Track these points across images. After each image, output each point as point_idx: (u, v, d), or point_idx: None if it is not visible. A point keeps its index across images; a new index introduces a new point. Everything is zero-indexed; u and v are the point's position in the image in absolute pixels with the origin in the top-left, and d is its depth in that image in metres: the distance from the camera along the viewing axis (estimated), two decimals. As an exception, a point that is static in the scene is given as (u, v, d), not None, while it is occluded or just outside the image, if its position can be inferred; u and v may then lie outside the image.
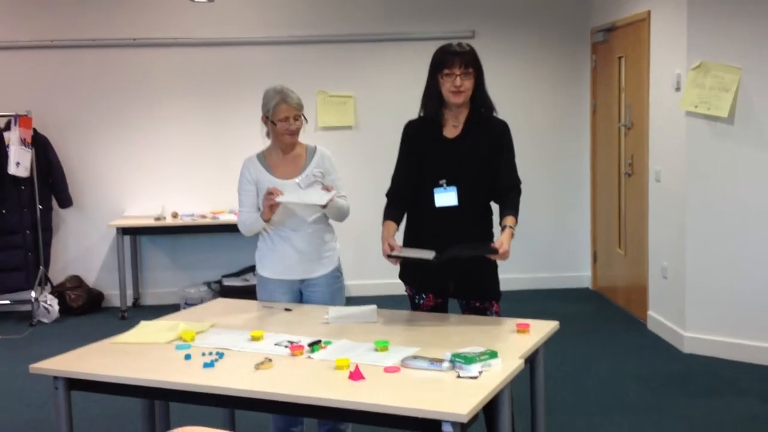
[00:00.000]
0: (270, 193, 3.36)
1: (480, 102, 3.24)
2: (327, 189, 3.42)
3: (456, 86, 3.14)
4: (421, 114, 3.32)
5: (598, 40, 6.73)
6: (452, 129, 3.25)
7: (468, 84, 3.16)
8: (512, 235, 3.12)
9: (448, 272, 3.20)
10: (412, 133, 3.33)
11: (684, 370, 4.90)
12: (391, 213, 3.31)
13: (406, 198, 3.32)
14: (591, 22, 6.94)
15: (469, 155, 3.21)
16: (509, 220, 3.17)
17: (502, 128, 3.28)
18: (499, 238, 3.08)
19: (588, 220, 7.15)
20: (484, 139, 3.23)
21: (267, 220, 3.43)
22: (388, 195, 3.37)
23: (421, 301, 3.34)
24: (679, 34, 5.18)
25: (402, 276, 3.39)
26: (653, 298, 5.76)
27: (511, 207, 3.22)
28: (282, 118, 3.44)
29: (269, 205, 3.36)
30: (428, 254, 3.04)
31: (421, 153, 3.26)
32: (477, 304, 3.29)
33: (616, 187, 6.50)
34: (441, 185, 3.19)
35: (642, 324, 5.90)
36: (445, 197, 3.19)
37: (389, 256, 3.10)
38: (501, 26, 6.99)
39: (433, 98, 3.23)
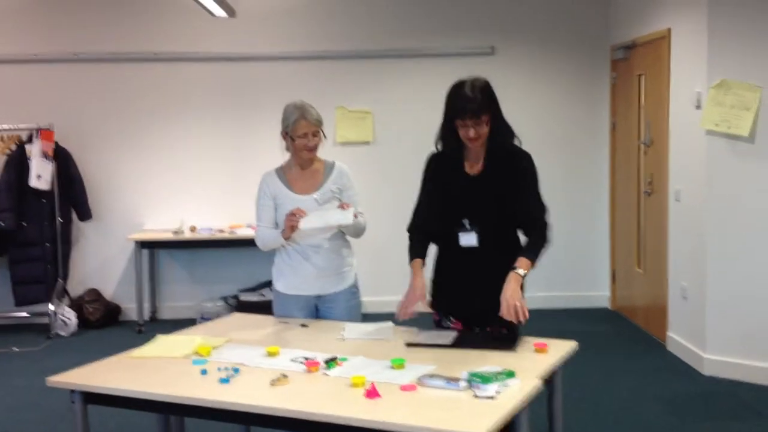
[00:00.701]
0: (293, 214, 3.35)
1: (498, 136, 3.15)
2: (343, 207, 3.41)
3: (470, 137, 3.07)
4: (439, 148, 3.26)
5: (617, 57, 6.71)
6: (474, 164, 3.19)
7: (482, 130, 3.08)
8: (520, 280, 3.02)
9: (477, 297, 3.17)
10: (434, 168, 3.28)
11: (704, 393, 4.83)
12: (417, 250, 3.27)
13: (428, 234, 3.28)
14: (610, 39, 6.92)
15: (491, 194, 3.14)
16: (521, 263, 3.05)
17: (525, 162, 3.18)
18: (503, 290, 2.99)
19: (607, 239, 7.10)
20: (506, 174, 3.15)
21: (287, 238, 3.43)
22: (409, 230, 3.32)
23: (448, 326, 3.30)
24: (700, 52, 5.15)
25: (431, 302, 3.34)
26: (673, 318, 5.70)
27: (528, 249, 3.13)
28: (301, 134, 3.44)
29: (290, 226, 3.36)
30: (446, 339, 3.04)
31: (444, 189, 3.22)
32: (488, 329, 3.22)
33: (636, 206, 6.45)
34: (464, 225, 3.15)
35: (661, 345, 5.83)
36: (468, 238, 3.15)
37: (408, 344, 3.04)
38: (520, 43, 6.98)
39: (450, 136, 3.16)
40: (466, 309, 3.25)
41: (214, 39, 6.87)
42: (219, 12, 6.14)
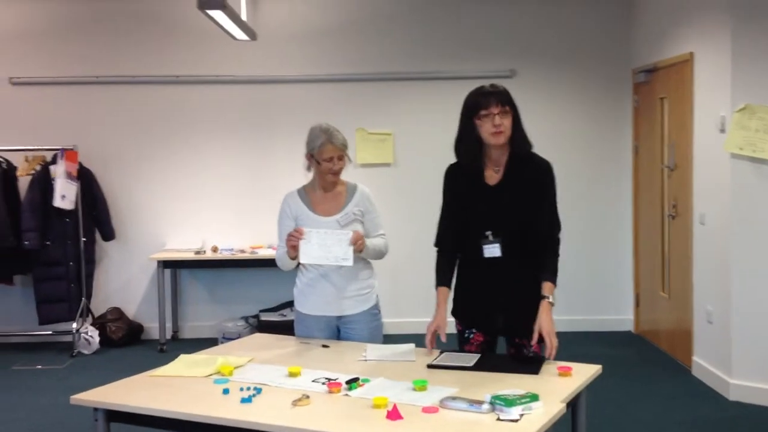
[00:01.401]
0: (292, 235, 3.36)
1: (519, 141, 3.16)
2: (355, 237, 3.37)
3: (496, 126, 3.06)
4: (458, 159, 3.27)
5: (639, 81, 6.70)
6: (493, 174, 3.19)
7: (507, 123, 3.09)
8: (551, 309, 3.06)
9: (499, 308, 3.18)
10: (453, 179, 3.28)
11: (730, 419, 4.75)
12: (443, 275, 3.27)
13: (455, 248, 3.28)
14: (632, 63, 6.91)
15: (513, 204, 3.14)
16: (547, 289, 3.10)
17: (545, 170, 3.20)
18: (537, 319, 3.05)
19: (630, 263, 7.05)
20: (526, 183, 3.15)
21: (293, 258, 3.43)
22: (437, 245, 3.33)
23: (471, 336, 3.29)
24: (723, 76, 5.13)
25: (454, 312, 3.35)
26: (698, 343, 5.62)
27: (547, 271, 3.14)
28: (327, 158, 3.46)
29: (291, 246, 3.37)
30: (469, 361, 3.03)
31: (464, 200, 3.22)
32: (516, 340, 3.24)
33: (660, 230, 6.40)
34: (487, 237, 3.14)
35: (686, 370, 5.75)
36: (491, 249, 3.14)
37: (429, 366, 3.04)
38: (541, 66, 6.99)
39: (470, 143, 3.16)
40: (489, 322, 3.24)
41: (236, 62, 6.94)
42: (241, 35, 6.20)
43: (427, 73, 6.98)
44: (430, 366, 3.03)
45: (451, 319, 3.32)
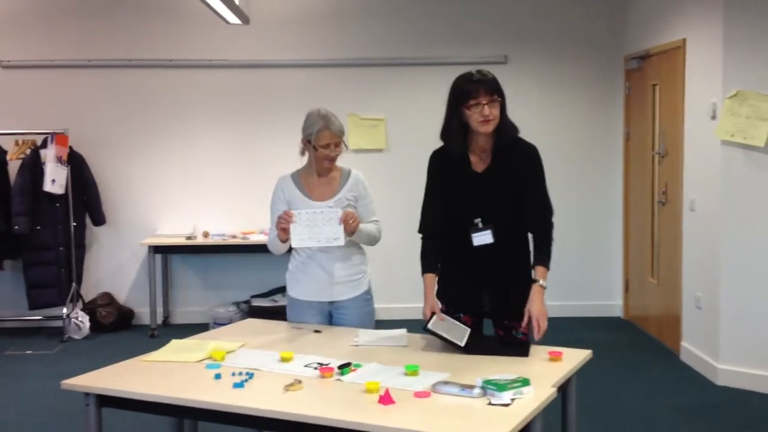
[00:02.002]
0: (282, 218, 3.35)
1: (506, 128, 3.13)
2: (346, 215, 3.37)
3: (484, 116, 3.03)
4: (444, 145, 3.24)
5: (631, 67, 6.70)
6: (480, 161, 3.17)
7: (496, 111, 3.06)
8: (543, 293, 3.08)
9: (485, 292, 3.19)
10: (440, 166, 3.25)
11: (717, 403, 4.80)
12: (429, 261, 3.25)
13: (440, 234, 3.25)
14: (624, 49, 6.92)
15: (501, 190, 3.13)
16: (540, 272, 3.11)
17: (531, 153, 3.18)
18: (528, 303, 3.06)
19: (620, 249, 7.08)
20: (513, 168, 3.14)
21: (283, 241, 3.43)
22: (421, 232, 3.30)
23: (459, 318, 3.30)
24: (715, 63, 5.14)
25: (438, 295, 3.32)
26: (686, 328, 5.67)
27: (541, 254, 3.15)
28: (324, 144, 3.44)
29: (282, 228, 3.36)
30: (460, 338, 3.03)
31: (451, 188, 3.19)
32: (506, 322, 3.24)
33: (650, 216, 6.43)
34: (476, 225, 3.12)
35: (674, 355, 5.80)
36: (482, 237, 3.12)
37: (426, 329, 3.07)
38: (534, 52, 6.99)
39: (456, 131, 3.13)
40: (477, 305, 3.23)
41: (228, 46, 6.91)
42: (233, 19, 6.17)
43: (419, 59, 6.96)
44: (426, 329, 3.05)
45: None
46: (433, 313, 3.11)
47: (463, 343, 3.01)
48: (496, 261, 3.15)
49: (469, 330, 3.08)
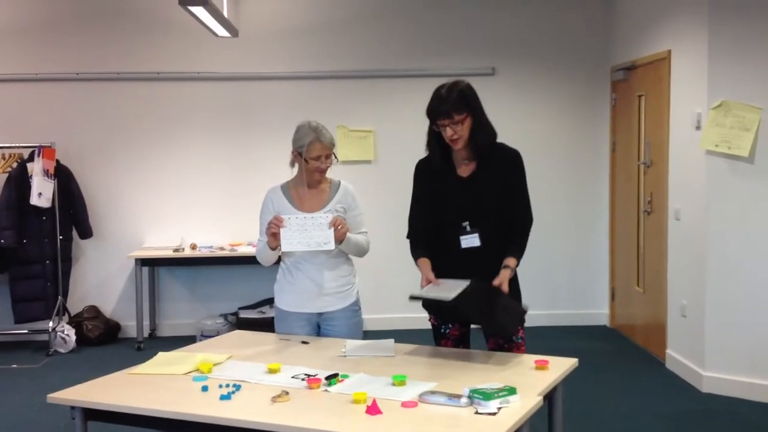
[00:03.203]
0: (274, 224, 3.36)
1: (479, 136, 3.18)
2: (336, 220, 3.40)
3: (449, 137, 3.14)
4: (428, 154, 3.32)
5: (617, 79, 6.76)
6: (464, 167, 3.24)
7: (462, 130, 3.13)
8: (511, 275, 3.14)
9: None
10: (425, 173, 3.32)
11: (703, 410, 4.82)
12: (420, 250, 3.30)
13: (427, 239, 3.30)
14: (611, 61, 6.98)
15: (487, 194, 3.19)
16: (510, 261, 3.17)
17: (514, 158, 3.25)
18: (498, 277, 3.11)
19: (606, 258, 7.11)
20: (497, 172, 3.21)
21: (273, 248, 3.43)
22: (409, 237, 3.36)
23: (447, 330, 3.33)
24: (700, 74, 5.19)
25: (425, 305, 3.34)
26: (672, 336, 5.70)
27: (514, 247, 3.22)
28: (314, 157, 3.45)
29: (271, 233, 3.37)
30: (449, 293, 3.01)
31: (438, 194, 3.25)
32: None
33: (635, 225, 6.47)
34: (464, 228, 3.18)
35: (660, 363, 5.83)
36: (469, 240, 3.19)
37: (410, 297, 3.10)
38: (521, 63, 7.04)
39: (436, 140, 3.24)
40: (464, 317, 3.26)
41: (217, 58, 6.92)
42: (222, 32, 6.19)
43: (408, 71, 6.99)
44: (411, 297, 3.09)
45: (424, 314, 3.36)
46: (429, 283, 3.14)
47: (450, 297, 2.97)
48: (482, 266, 3.17)
49: (466, 283, 3.03)
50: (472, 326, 3.37)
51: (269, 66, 6.97)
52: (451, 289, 3.03)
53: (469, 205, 3.18)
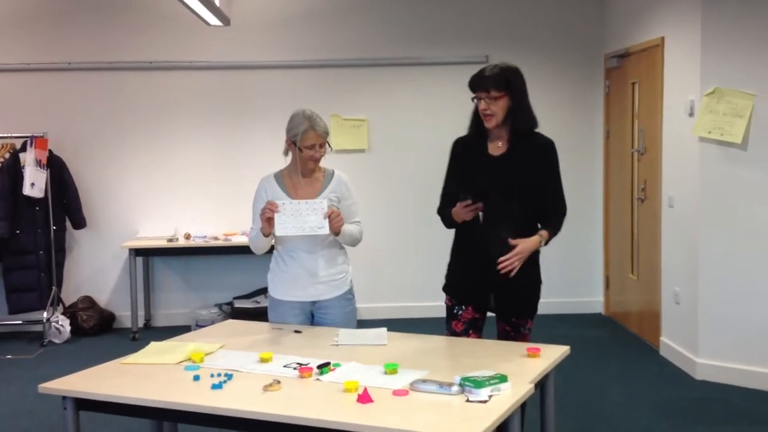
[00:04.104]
0: (269, 209, 3.35)
1: (517, 120, 3.25)
2: (332, 212, 3.40)
3: (482, 110, 3.21)
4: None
5: (611, 66, 6.74)
6: (497, 147, 3.29)
7: (495, 108, 3.19)
8: (540, 243, 3.21)
9: (491, 286, 3.26)
10: (459, 151, 3.38)
11: (697, 398, 4.84)
12: (447, 210, 3.33)
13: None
14: (604, 48, 6.96)
15: (514, 174, 3.23)
16: (543, 233, 3.25)
17: (547, 148, 3.33)
18: (523, 241, 3.16)
19: (600, 246, 7.12)
20: (529, 158, 3.26)
21: (266, 235, 3.43)
22: (439, 212, 3.41)
23: (460, 312, 3.35)
24: (693, 60, 5.18)
25: (445, 287, 3.43)
26: (666, 323, 5.71)
27: (549, 225, 3.29)
28: (308, 145, 3.44)
29: (266, 218, 3.37)
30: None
31: (467, 170, 3.31)
32: (513, 320, 3.35)
33: (629, 213, 6.47)
34: (463, 196, 3.20)
35: (654, 350, 5.85)
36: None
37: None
38: (514, 51, 6.99)
39: (474, 116, 3.31)
40: (481, 299, 3.31)
41: (209, 48, 6.89)
42: (214, 21, 6.16)
43: (401, 59, 6.96)
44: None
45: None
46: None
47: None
48: (505, 243, 3.20)
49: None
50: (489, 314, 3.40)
51: (262, 55, 6.94)
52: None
53: (493, 182, 3.21)
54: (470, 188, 3.16)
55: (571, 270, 7.12)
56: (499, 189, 3.19)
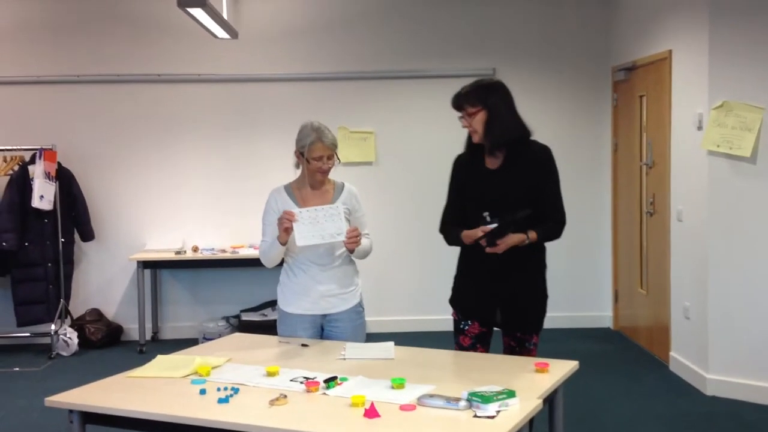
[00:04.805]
0: (287, 218, 3.35)
1: (497, 134, 3.24)
2: (350, 231, 3.41)
3: (463, 127, 3.28)
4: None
5: (619, 79, 6.74)
6: (493, 160, 3.31)
7: (474, 123, 3.23)
8: (522, 242, 3.18)
9: (498, 301, 3.28)
10: (459, 167, 3.41)
11: (707, 413, 4.80)
12: (454, 231, 3.33)
13: (457, 228, 3.36)
14: (612, 61, 6.96)
15: (511, 187, 3.24)
16: (532, 234, 3.23)
17: (543, 155, 3.34)
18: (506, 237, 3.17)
19: (609, 259, 7.09)
20: (526, 166, 3.27)
21: (284, 243, 3.42)
22: (441, 230, 3.43)
23: (467, 327, 3.36)
24: (701, 74, 5.17)
25: (452, 300, 3.44)
26: (675, 338, 5.67)
27: (542, 228, 3.28)
28: (316, 157, 3.45)
29: (284, 228, 3.36)
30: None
31: (466, 186, 3.33)
32: (518, 334, 3.35)
33: (638, 226, 6.45)
34: (484, 218, 3.21)
35: (664, 365, 5.80)
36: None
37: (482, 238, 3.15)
38: (522, 64, 7.01)
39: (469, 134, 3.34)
40: (487, 314, 3.32)
41: (217, 60, 6.91)
42: (222, 34, 6.18)
43: (408, 72, 6.98)
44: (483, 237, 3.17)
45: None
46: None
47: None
48: (509, 270, 3.24)
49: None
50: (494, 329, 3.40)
51: (269, 68, 6.96)
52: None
53: (491, 196, 3.24)
54: (496, 214, 3.17)
55: (579, 284, 7.09)
56: (495, 202, 3.21)
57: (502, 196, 3.23)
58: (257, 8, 6.94)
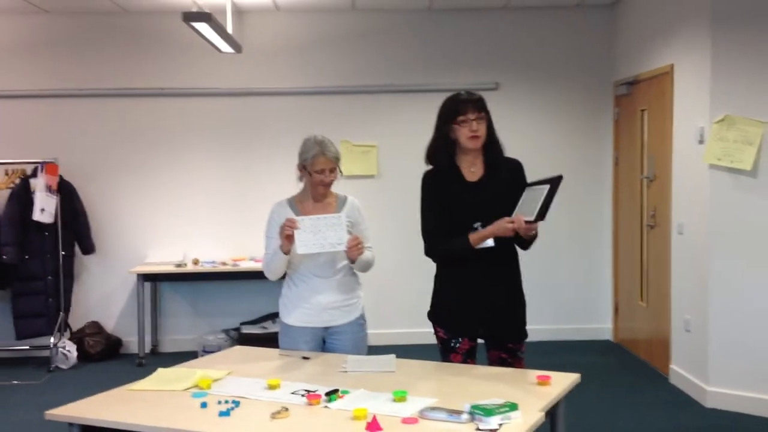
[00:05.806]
0: (289, 225, 3.35)
1: (493, 146, 3.32)
2: (352, 241, 3.42)
3: (473, 131, 3.23)
4: (431, 165, 3.38)
5: (620, 93, 6.75)
6: (471, 173, 3.31)
7: (483, 128, 3.26)
8: (501, 232, 3.15)
9: (479, 317, 3.28)
10: (434, 183, 3.35)
11: (707, 426, 4.78)
12: (453, 239, 3.29)
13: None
14: (614, 75, 6.98)
15: (496, 196, 3.25)
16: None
17: (518, 168, 3.38)
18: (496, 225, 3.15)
19: (610, 272, 7.09)
20: (504, 180, 3.30)
21: (286, 252, 3.42)
22: (429, 253, 3.36)
23: (457, 345, 3.34)
24: (703, 88, 5.18)
25: (435, 317, 3.41)
26: (676, 351, 5.66)
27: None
28: (319, 170, 3.46)
29: (286, 236, 3.36)
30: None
31: (448, 200, 3.29)
32: (510, 345, 3.34)
33: (639, 240, 6.45)
34: (476, 229, 3.20)
35: (664, 378, 5.79)
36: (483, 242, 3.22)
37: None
38: (524, 78, 7.04)
39: (445, 147, 3.31)
40: (471, 329, 3.31)
41: (221, 74, 6.94)
42: (225, 48, 6.20)
43: (411, 86, 7.00)
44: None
45: (428, 329, 3.38)
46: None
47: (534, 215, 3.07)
48: (493, 282, 3.24)
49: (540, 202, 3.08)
50: (479, 340, 3.38)
51: (273, 81, 6.98)
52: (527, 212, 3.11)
53: (480, 207, 3.24)
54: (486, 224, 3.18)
55: (580, 296, 7.08)
56: (485, 213, 3.20)
57: (488, 205, 3.23)
58: (261, 23, 6.97)
